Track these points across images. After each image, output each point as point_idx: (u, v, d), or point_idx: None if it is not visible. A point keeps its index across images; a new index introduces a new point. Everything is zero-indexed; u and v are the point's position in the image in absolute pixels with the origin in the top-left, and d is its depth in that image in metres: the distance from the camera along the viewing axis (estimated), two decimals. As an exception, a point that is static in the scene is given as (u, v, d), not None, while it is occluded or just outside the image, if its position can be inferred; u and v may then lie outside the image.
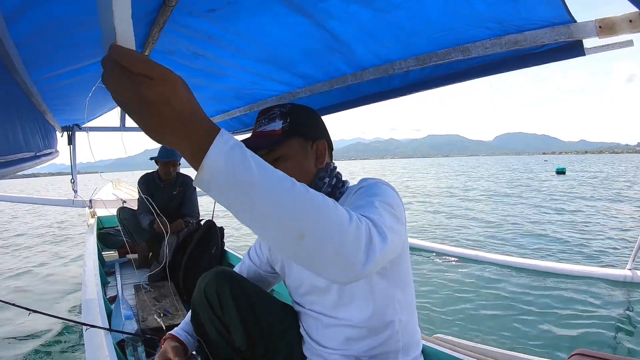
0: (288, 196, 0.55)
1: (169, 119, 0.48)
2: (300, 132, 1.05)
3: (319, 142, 1.08)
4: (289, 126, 1.04)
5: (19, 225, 11.55)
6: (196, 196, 3.64)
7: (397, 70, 1.70)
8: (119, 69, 0.46)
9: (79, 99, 3.02)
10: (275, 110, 1.07)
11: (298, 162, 1.04)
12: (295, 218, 0.55)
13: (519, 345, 3.07)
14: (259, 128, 1.07)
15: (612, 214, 10.22)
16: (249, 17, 1.53)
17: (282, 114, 1.05)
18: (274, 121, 1.05)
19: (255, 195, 0.52)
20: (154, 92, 0.47)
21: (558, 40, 1.21)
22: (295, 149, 1.04)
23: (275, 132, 1.03)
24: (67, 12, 1.21)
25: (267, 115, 1.07)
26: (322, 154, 1.08)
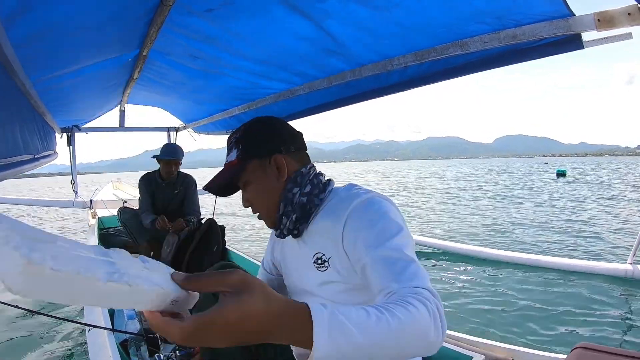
0: (389, 339, 0.59)
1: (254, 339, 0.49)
2: (253, 154, 1.04)
3: (274, 156, 1.05)
4: (242, 153, 1.05)
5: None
6: (197, 195, 3.64)
7: (396, 66, 1.70)
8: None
9: (78, 100, 3.02)
10: (232, 138, 1.08)
11: (260, 184, 1.05)
12: (399, 351, 0.61)
13: (521, 339, 3.07)
14: (226, 157, 1.10)
15: (612, 211, 10.23)
16: (246, 18, 1.53)
17: (237, 141, 1.06)
18: (231, 151, 1.07)
19: (366, 354, 0.56)
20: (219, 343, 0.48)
21: (557, 34, 1.20)
22: (253, 172, 1.04)
23: (232, 163, 1.05)
24: (65, 14, 1.21)
25: (228, 145, 1.10)
26: (281, 165, 1.04)
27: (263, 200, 1.06)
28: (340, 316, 0.54)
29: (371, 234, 0.87)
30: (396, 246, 0.83)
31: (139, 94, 3.62)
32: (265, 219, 1.09)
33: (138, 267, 0.45)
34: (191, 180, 3.60)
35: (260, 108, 2.82)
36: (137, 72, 2.44)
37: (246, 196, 1.08)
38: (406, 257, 0.81)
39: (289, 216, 1.03)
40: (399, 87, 1.84)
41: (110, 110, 4.43)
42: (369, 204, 0.93)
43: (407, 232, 0.88)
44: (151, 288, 0.44)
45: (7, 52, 1.02)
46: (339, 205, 0.98)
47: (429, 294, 0.71)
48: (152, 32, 1.66)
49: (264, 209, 1.07)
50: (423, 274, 0.79)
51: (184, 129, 5.04)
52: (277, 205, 1.04)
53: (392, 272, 0.80)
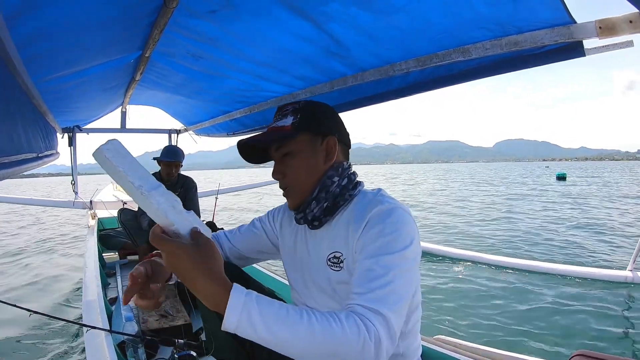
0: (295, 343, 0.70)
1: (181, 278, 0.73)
2: (310, 127, 1.03)
3: (329, 138, 1.06)
4: (299, 122, 1.03)
5: (18, 225, 11.55)
6: (197, 197, 3.64)
7: (397, 71, 1.70)
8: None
9: (80, 100, 3.02)
10: (289, 107, 1.07)
11: (306, 159, 1.03)
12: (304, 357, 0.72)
13: (521, 346, 3.06)
14: (272, 124, 1.08)
15: (612, 217, 10.22)
16: (249, 20, 1.54)
17: (295, 110, 1.05)
18: (286, 117, 1.05)
19: (269, 345, 0.70)
20: (164, 259, 0.75)
21: (558, 41, 1.21)
22: (304, 144, 1.03)
23: (285, 127, 1.03)
24: (69, 15, 1.21)
25: (281, 111, 1.08)
26: (332, 150, 1.05)
27: (301, 176, 1.04)
28: (254, 309, 0.69)
29: (376, 243, 0.88)
30: (386, 264, 0.84)
31: (141, 96, 3.63)
32: (291, 196, 1.07)
33: (167, 204, 0.75)
34: (191, 183, 3.60)
35: (262, 111, 2.82)
36: (139, 74, 2.45)
37: (282, 168, 1.06)
38: (387, 278, 0.82)
39: (319, 203, 1.03)
40: (401, 92, 1.84)
41: (111, 111, 4.45)
42: (388, 213, 0.92)
43: (410, 252, 0.87)
44: (158, 213, 0.73)
45: (10, 51, 1.02)
46: (363, 208, 0.98)
47: (378, 322, 0.75)
48: (155, 34, 1.66)
49: (298, 185, 1.05)
50: (393, 299, 0.80)
51: (185, 131, 5.05)
52: (312, 186, 1.04)
53: (364, 284, 0.82)
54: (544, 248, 6.66)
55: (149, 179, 0.74)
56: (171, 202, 0.76)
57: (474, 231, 8.47)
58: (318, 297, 1.09)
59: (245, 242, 1.27)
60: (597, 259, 5.86)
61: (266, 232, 1.26)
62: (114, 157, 0.70)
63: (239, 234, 1.28)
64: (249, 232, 1.28)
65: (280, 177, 1.06)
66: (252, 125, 3.34)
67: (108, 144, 0.70)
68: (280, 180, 1.06)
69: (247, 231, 1.28)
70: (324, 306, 1.08)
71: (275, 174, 1.07)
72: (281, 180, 1.06)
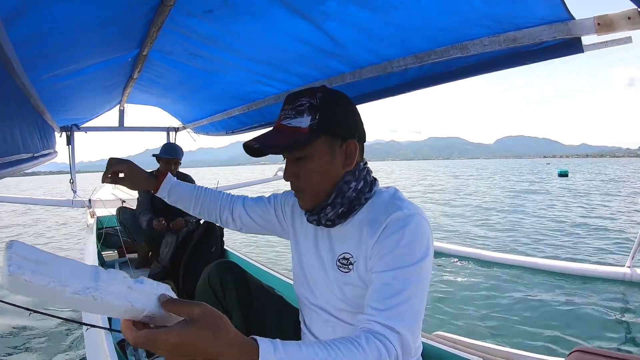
0: None
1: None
2: (329, 130, 0.94)
3: (350, 141, 0.97)
4: (318, 124, 0.92)
5: (18, 225, 11.54)
6: None
7: (396, 68, 1.70)
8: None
9: (78, 99, 3.02)
10: (304, 100, 0.94)
11: (323, 164, 0.95)
12: None
13: (519, 342, 3.07)
14: (284, 120, 0.96)
15: (611, 214, 10.24)
16: (246, 19, 1.53)
17: (312, 108, 0.93)
18: (302, 115, 0.93)
19: None
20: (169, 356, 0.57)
21: (556, 38, 1.21)
22: (322, 149, 0.94)
23: (301, 129, 0.92)
24: (66, 13, 1.21)
25: (294, 105, 0.95)
26: (352, 154, 0.98)
27: (316, 180, 0.96)
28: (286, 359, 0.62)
29: (394, 253, 0.87)
30: (405, 278, 0.84)
31: (139, 94, 3.62)
32: (304, 199, 1.01)
33: (122, 286, 0.57)
34: (190, 180, 3.60)
35: (260, 109, 2.82)
36: (137, 72, 2.44)
37: (295, 169, 0.97)
38: (405, 294, 0.82)
39: (335, 208, 0.98)
40: (399, 89, 1.84)
41: (109, 109, 4.43)
42: (407, 220, 0.89)
43: (426, 263, 0.87)
44: (120, 304, 0.55)
45: (8, 51, 1.02)
46: (379, 211, 0.95)
47: (396, 340, 0.76)
48: (153, 32, 1.66)
49: (312, 189, 0.98)
50: (411, 317, 0.81)
51: (184, 129, 5.05)
52: (327, 191, 0.97)
53: (383, 300, 0.82)
54: (545, 246, 6.67)
55: (84, 269, 0.55)
56: (123, 282, 0.58)
57: (475, 229, 8.49)
58: (326, 295, 1.07)
59: (257, 209, 1.28)
60: (597, 255, 5.87)
61: (275, 210, 1.26)
62: (34, 273, 0.48)
63: (254, 201, 1.30)
64: (261, 202, 1.29)
65: (294, 179, 0.99)
66: (250, 123, 3.34)
67: (13, 258, 0.47)
68: (293, 182, 0.99)
69: (260, 200, 1.30)
70: (328, 304, 1.07)
71: (288, 176, 0.99)
72: (294, 182, 0.99)
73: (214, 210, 1.30)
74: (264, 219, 1.28)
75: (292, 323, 1.26)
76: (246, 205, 1.29)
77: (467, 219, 9.98)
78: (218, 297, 1.26)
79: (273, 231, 1.29)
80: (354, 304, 1.00)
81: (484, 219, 9.74)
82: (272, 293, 1.36)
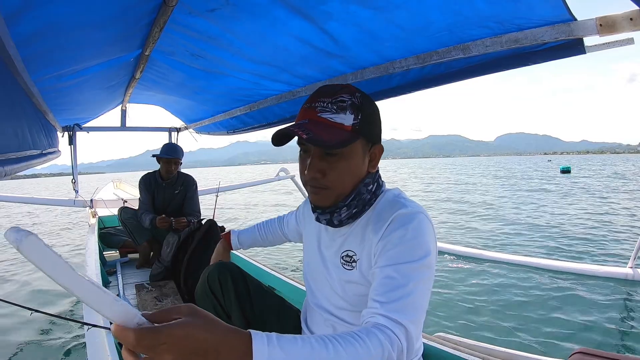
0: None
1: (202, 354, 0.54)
2: (367, 133, 0.94)
3: (377, 146, 0.99)
4: (360, 125, 0.91)
5: (17, 224, 11.53)
6: (197, 195, 3.64)
7: (398, 68, 1.70)
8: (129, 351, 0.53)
9: (80, 99, 3.02)
10: (345, 97, 0.91)
11: (354, 165, 0.94)
12: None
13: (520, 343, 3.06)
14: (322, 112, 0.91)
15: (615, 212, 10.21)
16: (248, 19, 1.53)
17: (354, 106, 0.91)
18: (344, 112, 0.90)
19: None
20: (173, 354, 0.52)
21: (558, 39, 1.21)
22: (358, 150, 0.94)
23: (344, 127, 0.90)
24: (68, 13, 1.21)
25: (334, 98, 0.91)
26: (375, 158, 0.99)
27: (345, 180, 0.94)
28: (280, 353, 0.60)
29: (397, 249, 0.87)
30: (407, 274, 0.84)
31: (141, 94, 3.63)
32: (325, 197, 0.96)
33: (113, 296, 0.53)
34: (191, 181, 3.60)
35: (262, 109, 2.82)
36: (139, 72, 2.45)
37: (323, 166, 0.93)
38: (408, 288, 0.82)
39: (350, 209, 0.97)
40: (401, 89, 1.84)
41: (111, 109, 4.44)
42: (411, 218, 0.89)
43: (429, 260, 0.87)
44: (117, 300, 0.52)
45: (10, 50, 1.02)
46: (383, 210, 0.96)
47: (400, 332, 0.76)
48: (155, 32, 1.66)
49: (338, 189, 0.95)
50: (413, 310, 0.81)
51: (186, 129, 5.05)
52: (349, 191, 0.96)
53: (386, 293, 0.82)
54: (545, 245, 6.66)
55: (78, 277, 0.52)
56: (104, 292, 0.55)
57: (475, 227, 8.48)
58: (327, 294, 1.08)
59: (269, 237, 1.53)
60: (599, 255, 5.86)
61: (285, 234, 1.48)
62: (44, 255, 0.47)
63: (288, 221, 1.46)
64: (273, 228, 1.52)
65: (320, 175, 0.93)
66: (251, 123, 3.35)
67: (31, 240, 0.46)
68: (318, 178, 0.94)
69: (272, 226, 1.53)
70: (330, 304, 1.07)
71: (314, 172, 0.93)
72: (319, 178, 0.94)
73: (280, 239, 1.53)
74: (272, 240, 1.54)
75: (292, 324, 1.26)
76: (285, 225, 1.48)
77: (466, 216, 9.96)
78: (217, 299, 1.26)
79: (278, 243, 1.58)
80: (355, 302, 1.00)
81: (485, 220, 9.73)
82: (272, 294, 1.36)
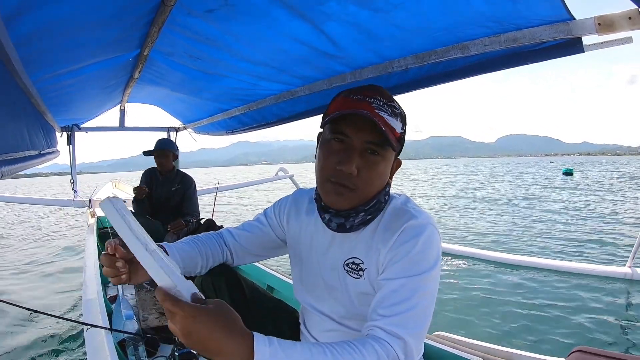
0: None
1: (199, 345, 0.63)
2: (401, 145, 0.97)
3: (398, 159, 1.02)
4: (403, 136, 0.96)
5: (18, 225, 11.54)
6: (196, 195, 3.64)
7: (396, 68, 1.70)
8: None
9: (79, 99, 3.02)
10: (396, 105, 0.93)
11: (385, 171, 0.95)
12: None
13: (519, 342, 3.07)
14: (380, 110, 0.89)
15: (614, 213, 10.24)
16: (246, 19, 1.53)
17: (402, 117, 0.94)
18: (396, 118, 0.92)
19: None
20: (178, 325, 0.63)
21: (557, 38, 1.21)
22: (391, 159, 0.96)
23: (395, 133, 0.92)
24: (66, 13, 1.21)
25: (389, 102, 0.92)
26: (394, 169, 1.01)
27: (375, 182, 0.93)
28: (281, 354, 0.65)
29: (404, 260, 0.87)
30: (413, 287, 0.84)
31: (140, 94, 3.62)
32: (350, 198, 0.92)
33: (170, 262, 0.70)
34: (190, 180, 3.61)
35: (261, 109, 2.82)
36: (138, 72, 2.44)
37: (362, 163, 0.90)
38: (412, 302, 0.83)
39: (366, 214, 0.95)
40: (400, 89, 1.84)
41: (110, 109, 4.44)
42: (421, 229, 0.89)
43: (435, 272, 0.88)
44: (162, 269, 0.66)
45: (9, 50, 1.02)
46: (392, 218, 0.95)
47: (398, 346, 0.77)
48: (153, 32, 1.66)
49: (367, 190, 0.93)
50: (415, 324, 0.81)
51: (184, 129, 5.05)
52: (371, 197, 0.94)
53: (389, 306, 0.83)
54: (547, 246, 6.67)
55: (152, 242, 0.72)
56: (173, 264, 0.71)
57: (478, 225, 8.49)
58: (329, 299, 1.06)
59: (251, 239, 1.20)
60: (597, 255, 5.87)
61: (272, 228, 1.20)
62: (124, 213, 0.72)
63: (244, 231, 1.21)
64: (254, 229, 1.21)
65: (355, 172, 0.89)
66: (250, 123, 3.34)
67: (116, 201, 0.74)
68: (351, 175, 0.89)
69: (252, 227, 1.21)
70: (332, 311, 1.06)
71: (350, 165, 0.88)
72: (351, 176, 0.90)
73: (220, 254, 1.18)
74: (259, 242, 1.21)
75: (290, 325, 1.25)
76: (236, 236, 1.21)
77: (467, 218, 9.97)
78: None
79: (274, 248, 1.23)
80: (359, 310, 0.99)
81: (482, 219, 9.73)
82: (269, 296, 1.34)
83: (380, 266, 0.92)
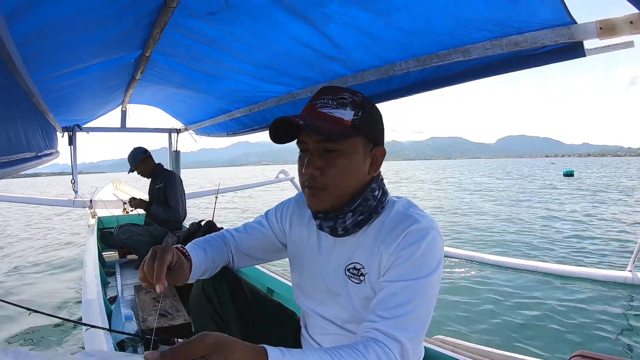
0: None
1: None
2: (367, 131, 0.93)
3: (379, 148, 0.98)
4: (360, 121, 0.91)
5: (18, 225, 11.55)
6: (179, 191, 3.62)
7: (398, 71, 1.70)
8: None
9: (80, 99, 3.02)
10: (346, 95, 0.92)
11: (354, 164, 0.92)
12: None
13: (520, 346, 3.06)
14: (323, 107, 0.91)
15: (615, 216, 10.22)
16: (248, 22, 1.53)
17: (355, 104, 0.91)
18: (344, 108, 0.91)
19: None
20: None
21: (558, 42, 1.21)
22: (358, 148, 0.92)
23: (344, 122, 0.90)
24: (69, 13, 1.21)
25: (335, 96, 0.92)
26: (378, 161, 0.98)
27: (344, 179, 0.92)
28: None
29: (406, 264, 0.87)
30: (413, 290, 0.84)
31: (141, 95, 3.63)
32: (323, 198, 0.94)
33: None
34: (171, 176, 3.64)
35: (262, 111, 2.82)
36: (140, 73, 2.45)
37: (322, 163, 0.91)
38: (411, 305, 0.83)
39: (355, 215, 0.95)
40: (401, 92, 1.84)
41: (111, 110, 4.45)
42: (425, 233, 0.88)
43: (436, 276, 0.88)
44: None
45: (10, 50, 1.02)
46: (395, 222, 0.93)
47: (396, 349, 0.78)
48: (156, 33, 1.66)
49: (337, 188, 0.92)
50: (413, 327, 0.82)
51: (185, 130, 5.06)
52: (349, 194, 0.94)
53: (389, 309, 0.83)
54: (549, 248, 6.66)
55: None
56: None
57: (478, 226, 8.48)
58: (332, 304, 1.05)
59: (251, 241, 1.19)
60: (598, 259, 5.86)
61: (273, 231, 1.19)
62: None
63: (245, 233, 1.20)
64: (255, 231, 1.19)
65: (318, 173, 0.91)
66: (251, 125, 3.34)
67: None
68: (316, 176, 0.92)
69: (253, 230, 1.20)
70: (335, 316, 1.05)
71: (312, 169, 0.91)
72: (317, 177, 0.92)
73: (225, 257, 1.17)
74: (260, 245, 1.20)
75: (291, 328, 1.24)
76: (237, 239, 1.19)
77: (466, 217, 9.96)
78: (215, 308, 1.21)
79: (275, 251, 1.22)
80: (363, 315, 0.97)
81: (482, 219, 9.72)
82: (270, 299, 1.33)
83: (382, 269, 0.92)
